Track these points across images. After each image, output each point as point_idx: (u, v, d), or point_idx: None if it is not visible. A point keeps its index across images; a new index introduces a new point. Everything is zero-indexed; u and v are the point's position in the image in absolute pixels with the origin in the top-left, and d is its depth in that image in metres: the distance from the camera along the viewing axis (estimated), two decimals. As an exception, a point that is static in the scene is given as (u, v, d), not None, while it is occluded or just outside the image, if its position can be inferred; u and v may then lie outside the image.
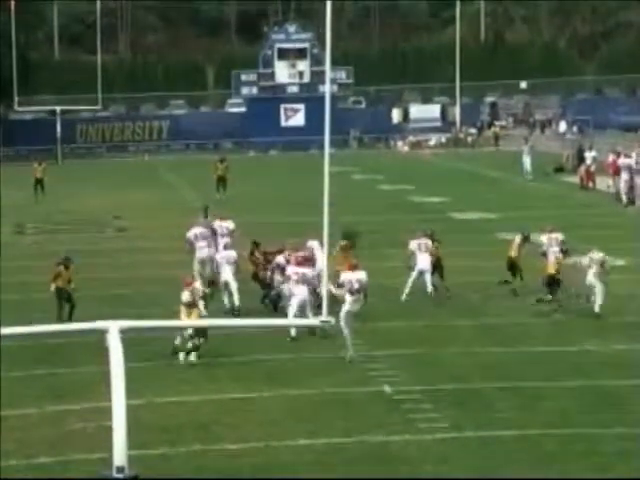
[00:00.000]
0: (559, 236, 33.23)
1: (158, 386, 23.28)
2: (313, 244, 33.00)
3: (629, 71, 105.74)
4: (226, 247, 33.14)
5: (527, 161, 67.13)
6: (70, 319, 28.25)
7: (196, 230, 36.09)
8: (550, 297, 31.27)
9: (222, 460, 19.85)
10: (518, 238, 34.20)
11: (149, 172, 75.68)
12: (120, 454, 13.38)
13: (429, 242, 33.12)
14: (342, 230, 32.35)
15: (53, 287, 29.93)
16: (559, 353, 26.54)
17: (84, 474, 17.98)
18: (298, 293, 27.10)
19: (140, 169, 77.46)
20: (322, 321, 16.10)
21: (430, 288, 32.15)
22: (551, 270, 31.78)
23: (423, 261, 32.43)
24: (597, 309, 29.64)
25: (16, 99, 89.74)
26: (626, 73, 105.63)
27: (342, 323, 25.36)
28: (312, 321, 17.15)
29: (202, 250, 35.11)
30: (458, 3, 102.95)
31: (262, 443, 20.62)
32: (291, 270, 28.07)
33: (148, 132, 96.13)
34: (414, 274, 32.31)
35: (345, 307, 25.71)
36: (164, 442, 20.23)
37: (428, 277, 32.24)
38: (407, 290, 32.10)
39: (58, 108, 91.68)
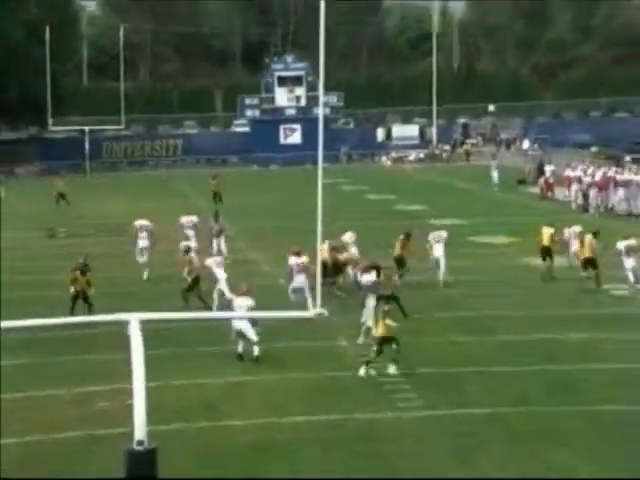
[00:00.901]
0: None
1: (172, 371, 23.21)
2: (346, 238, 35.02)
3: (582, 97, 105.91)
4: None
5: (495, 174, 67.38)
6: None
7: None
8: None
9: (228, 435, 19.82)
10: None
11: (165, 184, 75.64)
12: (140, 429, 13.31)
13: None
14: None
15: (72, 290, 29.71)
16: (524, 342, 26.49)
17: (108, 447, 17.91)
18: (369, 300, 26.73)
19: (158, 181, 77.39)
20: (317, 313, 16.01)
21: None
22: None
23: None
24: None
25: (50, 120, 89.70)
26: (580, 98, 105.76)
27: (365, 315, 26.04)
28: (307, 313, 16.98)
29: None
30: (434, 38, 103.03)
31: (264, 420, 20.58)
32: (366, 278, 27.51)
33: (165, 149, 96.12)
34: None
35: (370, 303, 26.01)
36: (178, 419, 20.19)
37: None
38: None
39: (86, 128, 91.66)
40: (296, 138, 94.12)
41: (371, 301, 26.45)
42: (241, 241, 44.10)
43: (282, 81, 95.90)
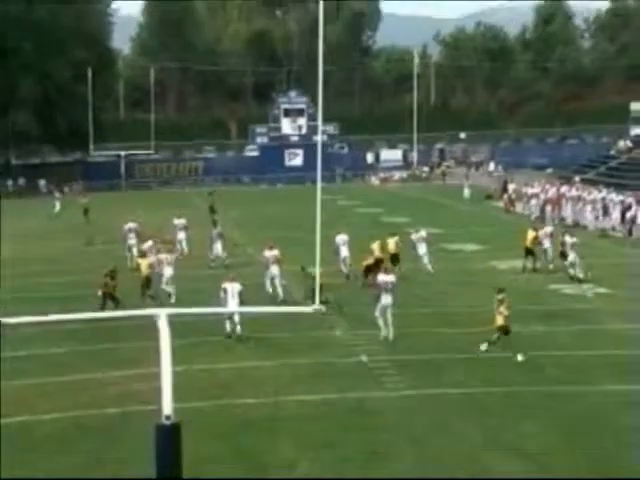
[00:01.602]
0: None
1: (193, 357, 23.17)
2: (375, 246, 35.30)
3: (539, 126, 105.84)
4: None
5: (467, 192, 67.39)
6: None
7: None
8: None
9: (241, 411, 19.80)
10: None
11: (188, 200, 75.56)
12: (167, 406, 13.26)
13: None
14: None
15: (100, 292, 29.71)
16: (492, 332, 26.46)
17: (141, 421, 17.87)
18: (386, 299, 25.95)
19: (182, 198, 77.24)
20: (315, 309, 15.96)
21: None
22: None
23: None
24: None
25: (92, 146, 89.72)
26: (537, 127, 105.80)
27: (377, 314, 25.62)
28: (306, 309, 16.95)
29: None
30: (415, 77, 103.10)
31: (272, 399, 20.57)
32: (382, 278, 26.35)
33: (188, 170, 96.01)
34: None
35: (381, 302, 25.61)
36: (199, 398, 20.18)
37: None
38: None
39: (122, 153, 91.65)
40: (298, 161, 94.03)
41: (387, 299, 25.72)
42: (251, 248, 44.03)
43: (287, 113, 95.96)
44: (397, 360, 23.40)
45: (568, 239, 35.55)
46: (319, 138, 18.74)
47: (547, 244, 37.27)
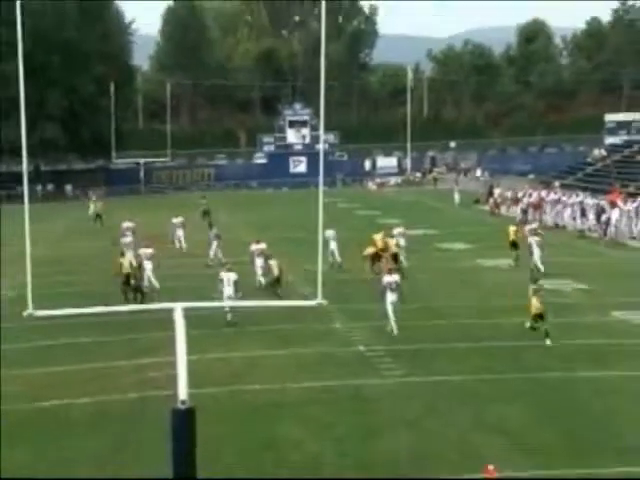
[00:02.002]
0: None
1: (206, 347, 23.20)
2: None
3: (522, 136, 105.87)
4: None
5: (457, 196, 67.27)
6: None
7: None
8: None
9: (250, 397, 19.81)
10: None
11: (199, 203, 75.56)
12: (182, 392, 13.30)
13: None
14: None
15: (122, 287, 30.17)
16: (479, 324, 26.52)
17: (158, 405, 17.91)
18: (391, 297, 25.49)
19: (195, 201, 77.22)
20: (318, 303, 15.96)
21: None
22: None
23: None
24: None
25: (113, 154, 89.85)
26: (520, 137, 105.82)
27: (389, 309, 25.24)
28: (310, 303, 16.98)
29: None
30: (409, 91, 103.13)
31: (277, 385, 20.58)
32: (386, 279, 25.77)
33: (201, 177, 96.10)
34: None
35: (388, 299, 25.29)
36: (211, 384, 20.21)
37: None
38: None
39: (141, 160, 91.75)
40: (302, 168, 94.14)
41: (392, 297, 25.30)
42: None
43: (292, 124, 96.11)
44: (392, 350, 23.44)
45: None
46: (321, 147, 18.84)
47: (530, 239, 37.05)
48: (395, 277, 25.77)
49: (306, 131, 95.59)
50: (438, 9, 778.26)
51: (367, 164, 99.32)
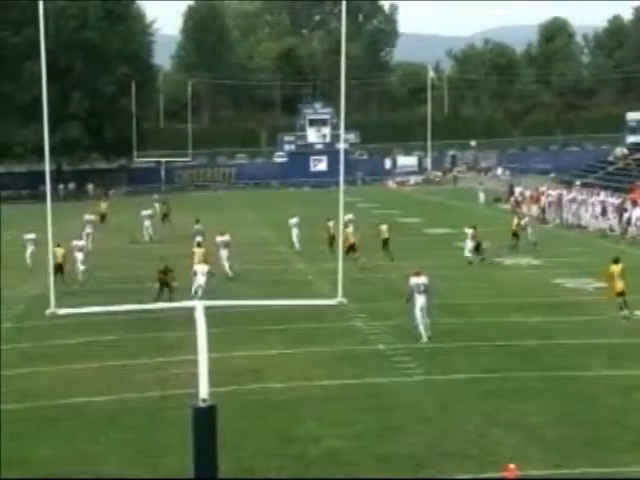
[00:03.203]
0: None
1: (227, 345, 23.32)
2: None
3: (542, 134, 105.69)
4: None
5: (481, 195, 67.06)
6: (171, 300, 28.41)
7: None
8: None
9: (270, 394, 19.94)
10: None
11: (221, 202, 75.90)
12: (203, 390, 13.42)
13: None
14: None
15: (157, 285, 30.21)
16: (496, 322, 26.55)
17: (180, 403, 18.07)
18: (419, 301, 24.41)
19: (216, 200, 77.59)
20: (339, 301, 16.04)
21: None
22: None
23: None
24: None
25: (135, 154, 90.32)
26: (541, 136, 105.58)
27: (416, 322, 24.29)
28: (330, 301, 17.05)
29: None
30: (429, 89, 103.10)
31: (297, 383, 20.70)
32: (413, 281, 24.64)
33: (222, 175, 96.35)
34: None
35: (416, 305, 24.30)
36: (232, 382, 20.32)
37: None
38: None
39: (162, 160, 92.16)
40: (323, 166, 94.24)
41: (421, 301, 24.29)
42: (282, 246, 44.24)
43: (312, 123, 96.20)
44: (412, 348, 23.51)
45: (522, 222, 43.16)
46: (341, 146, 18.98)
47: (530, 230, 42.92)
48: (423, 279, 24.63)
49: (326, 130, 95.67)
50: (458, 8, 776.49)
51: (387, 163, 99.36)
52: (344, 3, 17.17)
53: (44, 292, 28.15)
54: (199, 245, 35.40)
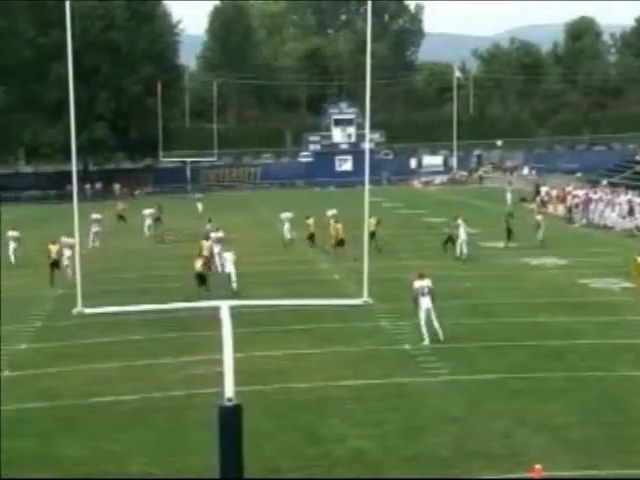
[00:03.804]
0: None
1: (252, 345, 23.38)
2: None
3: (569, 134, 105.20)
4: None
5: (509, 196, 66.44)
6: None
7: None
8: None
9: (295, 394, 19.97)
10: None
11: (247, 201, 76.08)
12: (229, 389, 13.45)
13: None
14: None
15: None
16: (521, 322, 26.47)
17: (205, 402, 18.13)
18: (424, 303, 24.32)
19: (241, 200, 77.79)
20: (364, 301, 16.05)
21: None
22: None
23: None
24: None
25: (161, 154, 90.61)
26: (567, 135, 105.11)
27: (421, 322, 24.22)
28: (355, 301, 17.06)
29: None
30: (455, 89, 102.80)
31: (322, 383, 20.72)
32: (417, 284, 24.57)
33: (247, 175, 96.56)
34: None
35: (421, 307, 24.23)
36: (257, 382, 20.36)
37: None
38: None
39: (188, 159, 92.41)
40: (348, 166, 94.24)
41: (426, 303, 24.23)
42: (305, 245, 44.27)
43: (337, 122, 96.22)
44: (438, 348, 23.48)
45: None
46: (367, 145, 18.88)
47: (543, 227, 43.62)
48: (426, 282, 24.52)
49: (352, 130, 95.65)
50: (484, 7, 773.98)
51: (413, 163, 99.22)
52: (369, 3, 17.17)
53: (69, 291, 28.45)
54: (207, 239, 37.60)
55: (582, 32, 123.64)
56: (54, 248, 35.24)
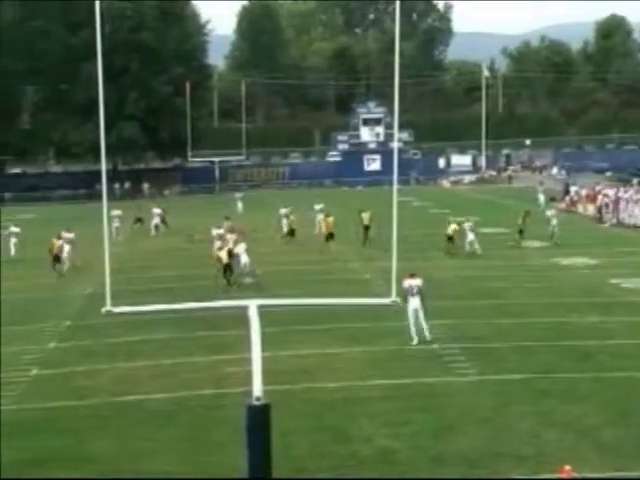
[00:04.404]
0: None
1: (280, 344, 23.41)
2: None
3: (599, 133, 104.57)
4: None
5: (541, 197, 65.57)
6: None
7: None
8: None
9: (323, 394, 19.97)
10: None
11: (274, 200, 76.03)
12: (257, 388, 13.50)
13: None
14: None
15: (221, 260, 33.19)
16: (550, 322, 26.34)
17: (233, 402, 18.17)
18: (413, 303, 24.19)
19: (269, 199, 77.77)
20: (392, 301, 16.03)
21: None
22: None
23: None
24: None
25: (190, 153, 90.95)
26: (597, 134, 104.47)
27: (409, 322, 24.18)
28: (384, 300, 17.02)
29: None
30: (483, 88, 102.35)
31: (350, 382, 20.71)
32: (407, 283, 24.19)
33: (275, 175, 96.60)
34: None
35: (409, 306, 24.09)
36: (285, 381, 20.39)
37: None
38: None
39: (217, 159, 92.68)
40: (376, 166, 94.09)
41: (414, 303, 24.00)
42: (338, 245, 44.24)
43: (366, 122, 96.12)
44: (466, 348, 23.42)
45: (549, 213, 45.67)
46: (395, 145, 18.87)
47: (554, 222, 44.61)
48: (417, 281, 24.29)
49: (380, 129, 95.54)
50: (513, 6, 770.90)
51: (441, 162, 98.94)
52: (398, 2, 17.16)
53: (98, 290, 28.62)
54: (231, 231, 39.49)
55: (612, 30, 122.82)
56: (57, 243, 38.58)
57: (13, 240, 44.57)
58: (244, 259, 34.24)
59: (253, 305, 14.53)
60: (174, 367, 22.45)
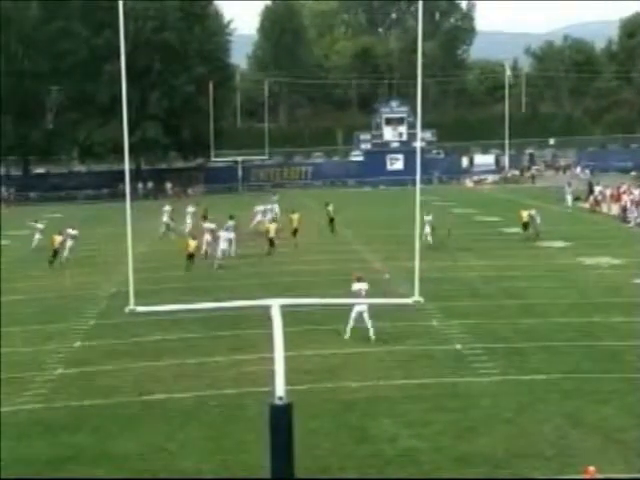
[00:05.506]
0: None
1: (302, 343, 23.41)
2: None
3: (623, 132, 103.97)
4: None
5: (569, 198, 64.93)
6: None
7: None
8: None
9: (346, 393, 19.95)
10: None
11: (297, 199, 76.05)
12: (280, 388, 13.51)
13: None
14: None
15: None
16: (574, 323, 26.20)
17: (256, 401, 18.18)
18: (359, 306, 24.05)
19: (292, 198, 77.78)
20: (415, 300, 16.01)
21: None
22: None
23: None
24: None
25: (213, 153, 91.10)
26: (622, 134, 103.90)
27: (351, 320, 24.35)
28: (406, 300, 16.99)
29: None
30: (507, 87, 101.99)
31: (372, 382, 20.69)
32: (356, 286, 24.56)
33: (298, 174, 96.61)
34: None
35: (355, 308, 24.18)
36: (307, 381, 20.39)
37: None
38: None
39: (239, 158, 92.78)
40: (399, 165, 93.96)
41: (361, 305, 23.92)
42: (357, 244, 44.23)
43: (388, 121, 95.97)
44: (489, 348, 23.34)
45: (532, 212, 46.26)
46: (418, 144, 18.82)
47: (538, 219, 45.99)
48: (364, 285, 24.50)
49: (403, 129, 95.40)
50: (537, 5, 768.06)
51: (464, 161, 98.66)
52: (420, 2, 17.15)
53: (121, 289, 28.72)
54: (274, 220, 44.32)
55: (637, 29, 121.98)
56: (58, 239, 40.41)
57: (37, 236, 46.40)
58: (223, 246, 38.53)
59: (276, 304, 14.53)
60: (198, 366, 22.48)
